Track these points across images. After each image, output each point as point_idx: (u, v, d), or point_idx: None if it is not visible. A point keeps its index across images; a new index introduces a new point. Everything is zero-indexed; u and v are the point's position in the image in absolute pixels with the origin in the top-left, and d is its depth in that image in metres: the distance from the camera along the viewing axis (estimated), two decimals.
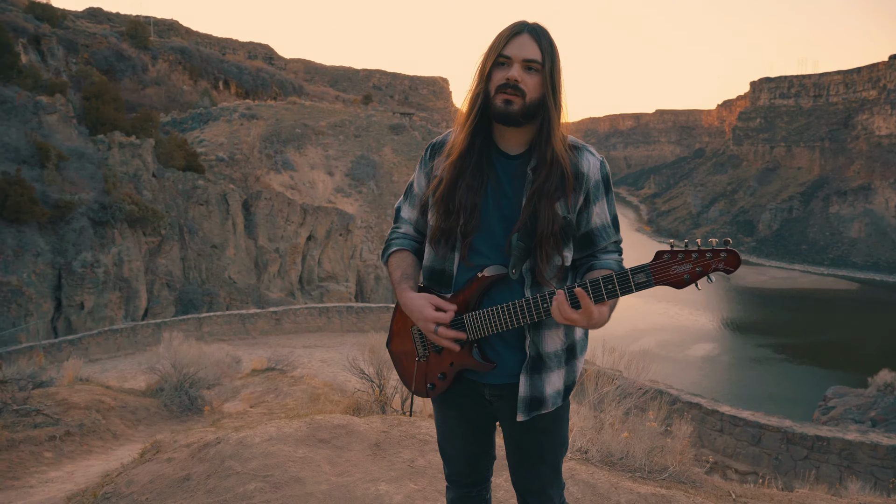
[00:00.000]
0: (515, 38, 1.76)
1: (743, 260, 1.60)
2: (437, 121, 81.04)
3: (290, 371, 11.07)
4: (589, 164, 1.87)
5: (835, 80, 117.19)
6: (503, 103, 1.75)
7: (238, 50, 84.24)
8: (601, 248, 1.90)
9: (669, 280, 1.60)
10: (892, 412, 18.84)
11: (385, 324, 20.12)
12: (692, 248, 1.58)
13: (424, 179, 1.99)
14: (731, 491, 4.16)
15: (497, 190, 1.84)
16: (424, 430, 3.70)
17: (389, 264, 2.01)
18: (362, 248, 44.27)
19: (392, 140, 53.18)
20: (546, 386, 1.88)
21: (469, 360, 1.87)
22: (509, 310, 1.77)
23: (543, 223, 1.76)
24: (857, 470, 11.05)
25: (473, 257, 1.85)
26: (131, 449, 6.13)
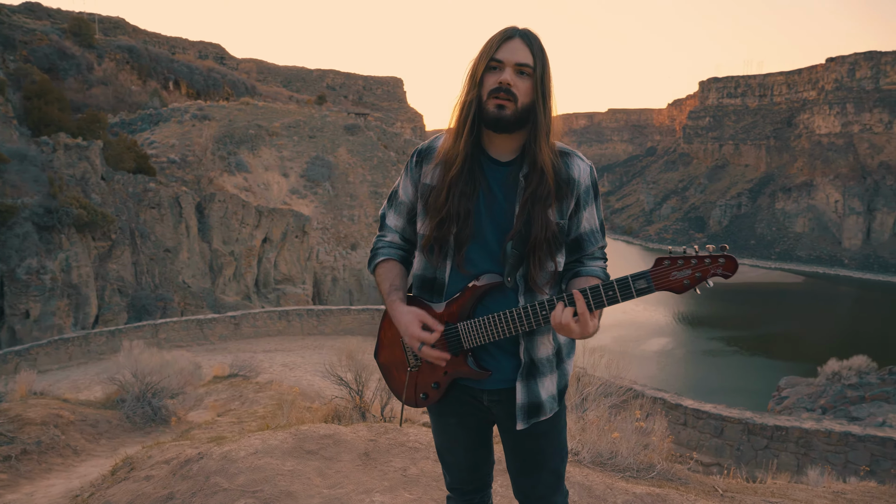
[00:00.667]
0: (507, 42, 1.75)
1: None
2: (392, 121, 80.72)
3: (254, 377, 10.81)
4: (579, 170, 1.87)
5: (778, 80, 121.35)
6: (496, 108, 1.74)
7: (188, 49, 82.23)
8: (588, 253, 1.91)
9: (670, 286, 1.62)
10: (839, 399, 19.52)
11: (346, 326, 19.88)
12: (691, 254, 1.61)
13: (411, 187, 1.95)
14: (716, 486, 4.16)
15: (489, 197, 1.82)
16: (413, 437, 3.59)
17: (377, 274, 1.97)
18: (319, 249, 43.77)
19: (347, 141, 52.68)
20: (542, 391, 1.88)
21: (464, 369, 1.86)
22: (506, 318, 1.76)
23: (537, 229, 1.76)
24: (812, 457, 11.39)
25: (467, 265, 1.83)
26: (95, 465, 5.85)
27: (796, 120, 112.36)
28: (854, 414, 17.32)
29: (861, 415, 17.21)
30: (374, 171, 51.84)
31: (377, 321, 20.24)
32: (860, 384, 19.18)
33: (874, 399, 18.09)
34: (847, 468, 11.07)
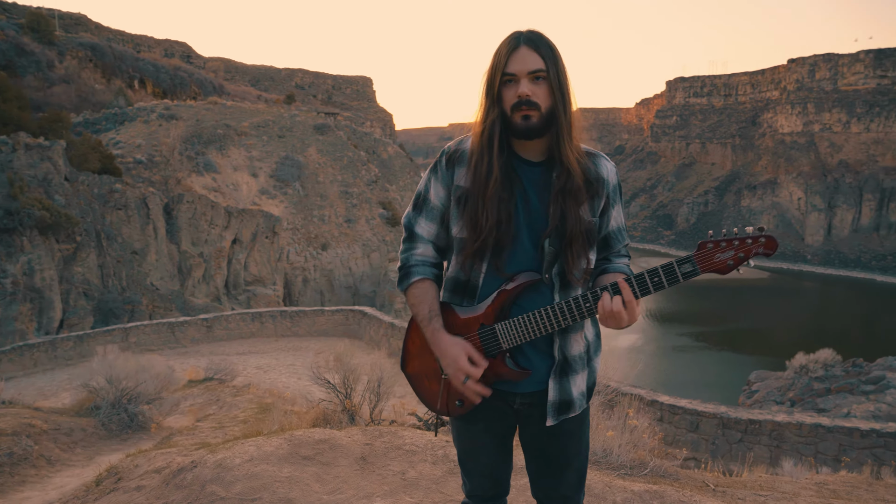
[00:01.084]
0: (514, 53, 1.76)
1: (662, 252, 1.70)
2: (362, 120, 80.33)
3: (230, 380, 10.63)
4: (607, 169, 1.91)
5: (742, 80, 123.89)
6: (522, 120, 1.76)
7: (154, 47, 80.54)
8: (615, 250, 1.96)
9: (714, 267, 1.67)
10: (807, 392, 19.94)
11: (320, 327, 19.70)
12: (733, 236, 1.65)
13: (443, 190, 1.92)
14: (707, 481, 4.20)
15: (524, 197, 1.84)
16: (409, 440, 3.54)
17: (411, 295, 1.92)
18: (289, 250, 43.37)
19: (317, 140, 52.29)
20: (573, 388, 1.89)
21: (504, 370, 1.84)
22: (547, 314, 1.76)
23: (571, 223, 1.78)
24: (785, 448, 11.62)
25: (505, 268, 1.82)
26: (71, 475, 5.68)
27: (760, 119, 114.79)
28: (821, 406, 17.70)
29: (827, 406, 17.59)
30: (345, 171, 51.52)
31: (351, 322, 20.19)
32: (826, 377, 19.61)
33: (839, 391, 18.50)
34: (817, 458, 11.30)
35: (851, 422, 11.97)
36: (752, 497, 3.80)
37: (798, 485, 4.52)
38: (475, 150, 1.84)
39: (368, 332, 18.99)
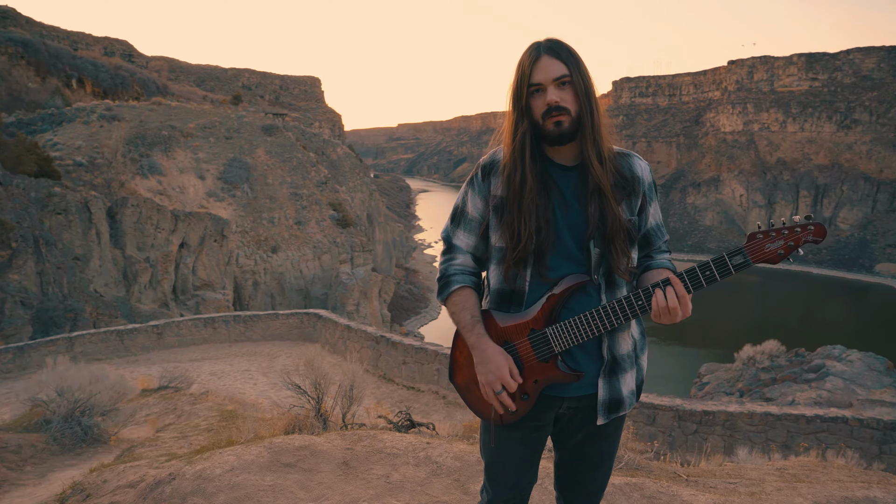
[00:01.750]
0: (537, 63, 1.80)
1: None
2: (311, 121, 79.38)
3: (187, 388, 10.34)
4: (641, 167, 1.94)
5: (686, 80, 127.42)
6: (555, 126, 1.80)
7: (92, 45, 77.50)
8: (655, 247, 1.98)
9: (766, 257, 1.70)
10: (755, 382, 20.65)
11: (275, 331, 19.35)
12: (782, 226, 1.69)
13: (481, 202, 1.94)
14: (678, 472, 4.30)
15: (562, 203, 1.86)
16: (389, 443, 3.51)
17: (452, 303, 1.94)
18: (238, 253, 42.55)
19: (265, 142, 51.46)
20: (623, 387, 1.91)
21: (556, 374, 1.85)
22: (598, 315, 1.78)
23: (611, 221, 1.80)
24: (737, 437, 11.97)
25: (549, 273, 1.85)
26: (22, 494, 5.43)
27: (703, 118, 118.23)
28: (768, 395, 18.35)
29: (774, 395, 18.25)
30: (294, 173, 50.85)
31: (306, 325, 19.91)
32: (772, 367, 20.35)
33: (784, 380, 19.22)
34: (767, 445, 11.68)
35: (798, 409, 12.40)
36: (723, 485, 3.90)
37: (762, 471, 4.67)
38: (507, 161, 1.88)
39: (324, 335, 18.76)
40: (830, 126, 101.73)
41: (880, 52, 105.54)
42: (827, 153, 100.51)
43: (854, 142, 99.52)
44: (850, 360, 19.34)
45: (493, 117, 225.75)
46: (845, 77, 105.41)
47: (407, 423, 5.44)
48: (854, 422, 11.58)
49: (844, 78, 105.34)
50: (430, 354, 15.91)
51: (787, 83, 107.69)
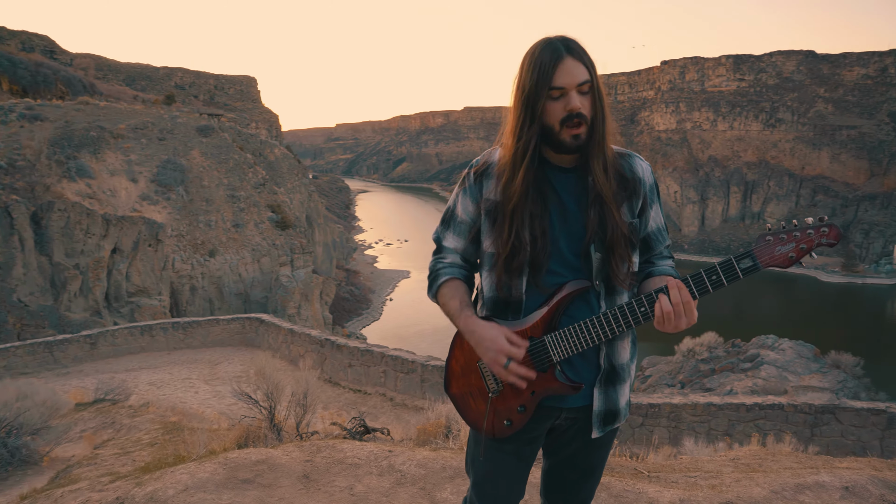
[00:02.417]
0: (560, 64, 1.67)
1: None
2: (247, 122, 77.69)
3: (125, 400, 9.89)
4: (642, 169, 1.85)
5: (621, 80, 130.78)
6: (573, 139, 1.70)
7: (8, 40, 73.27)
8: (657, 252, 1.90)
9: (775, 261, 1.59)
10: (695, 373, 21.33)
11: (216, 337, 18.80)
12: (794, 227, 1.58)
13: (472, 205, 1.86)
14: (638, 468, 4.32)
15: (560, 207, 1.77)
16: (350, 452, 3.39)
17: (441, 295, 1.87)
18: (174, 258, 41.25)
19: (200, 143, 50.03)
20: (620, 398, 1.84)
21: (554, 385, 1.75)
22: (600, 322, 1.69)
23: (612, 227, 1.72)
24: (682, 428, 12.28)
25: (545, 280, 1.76)
26: None
27: (638, 117, 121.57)
28: (708, 385, 18.96)
29: (713, 385, 18.88)
30: (231, 174, 49.64)
31: (248, 330, 19.41)
32: (710, 358, 21.07)
33: (723, 370, 19.92)
34: (710, 435, 12.01)
35: (738, 398, 12.81)
36: (684, 479, 3.94)
37: (717, 462, 4.75)
38: (506, 165, 1.77)
39: (267, 340, 18.35)
40: (757, 125, 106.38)
41: (799, 55, 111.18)
42: (755, 151, 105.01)
43: (779, 140, 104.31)
44: (782, 348, 20.20)
45: (432, 116, 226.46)
46: (769, 78, 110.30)
47: (362, 430, 5.31)
48: (789, 408, 12.05)
49: (768, 79, 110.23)
50: (377, 356, 15.74)
51: (717, 83, 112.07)
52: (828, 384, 16.83)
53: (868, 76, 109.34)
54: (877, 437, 11.66)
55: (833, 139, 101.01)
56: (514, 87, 1.74)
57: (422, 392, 15.17)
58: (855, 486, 3.98)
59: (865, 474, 4.28)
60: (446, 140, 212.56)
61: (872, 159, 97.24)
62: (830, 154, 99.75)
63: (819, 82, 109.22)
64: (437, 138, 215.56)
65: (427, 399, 15.22)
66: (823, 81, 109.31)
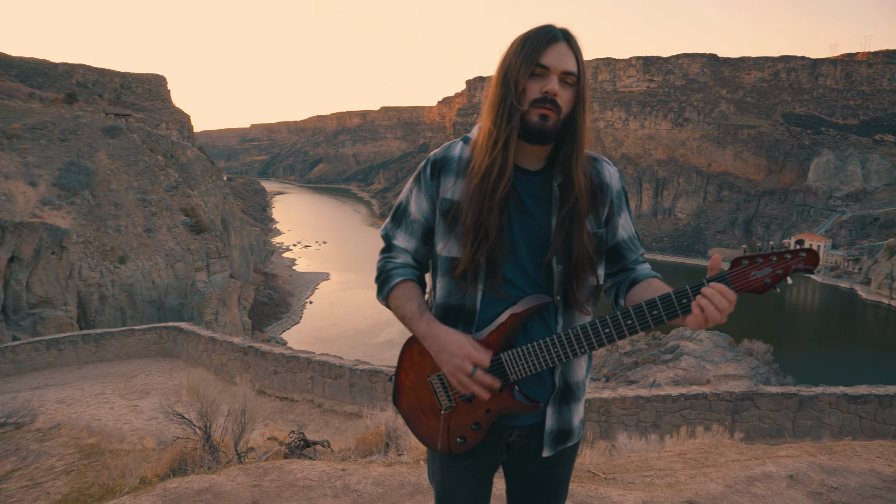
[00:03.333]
0: (552, 46, 1.57)
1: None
2: (157, 122, 74.57)
3: (31, 423, 9.10)
4: (610, 175, 1.75)
5: None
6: (540, 119, 1.57)
7: None
8: (630, 261, 1.77)
9: (750, 286, 1.48)
10: (618, 367, 21.93)
11: (131, 349, 17.81)
12: (770, 251, 1.48)
13: (427, 202, 1.71)
14: (591, 470, 4.26)
15: (521, 211, 1.64)
16: (300, 473, 3.14)
17: (395, 297, 1.71)
18: (81, 265, 39.00)
19: (107, 144, 47.61)
20: (574, 417, 1.75)
21: (511, 403, 1.64)
22: (562, 342, 1.57)
23: (578, 246, 1.61)
24: (612, 422, 12.54)
25: (504, 288, 1.63)
26: None
27: None
28: (632, 378, 19.52)
29: (637, 377, 19.45)
30: (141, 177, 47.44)
31: (166, 340, 18.48)
32: (633, 351, 21.70)
33: (645, 363, 20.56)
34: (640, 427, 12.30)
35: (664, 390, 13.19)
36: (641, 480, 3.91)
37: (666, 459, 4.77)
38: (482, 152, 1.62)
39: (186, 350, 17.53)
40: (666, 124, 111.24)
41: (703, 58, 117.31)
42: (664, 149, 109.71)
43: (687, 138, 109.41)
44: (700, 339, 21.05)
45: (349, 117, 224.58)
46: (676, 80, 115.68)
47: (301, 444, 5.05)
48: (712, 396, 12.49)
49: (676, 80, 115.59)
50: (303, 362, 15.35)
51: (628, 84, 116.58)
52: (743, 371, 17.64)
53: (764, 79, 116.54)
54: (789, 419, 12.28)
55: (735, 138, 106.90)
56: (499, 64, 1.62)
57: (351, 397, 14.88)
58: (798, 474, 4.08)
59: (805, 461, 4.40)
60: (363, 140, 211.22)
61: (770, 157, 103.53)
62: (733, 152, 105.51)
63: (721, 84, 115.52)
64: (355, 138, 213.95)
65: (356, 404, 14.95)
66: (725, 83, 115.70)
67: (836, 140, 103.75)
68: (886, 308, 67.88)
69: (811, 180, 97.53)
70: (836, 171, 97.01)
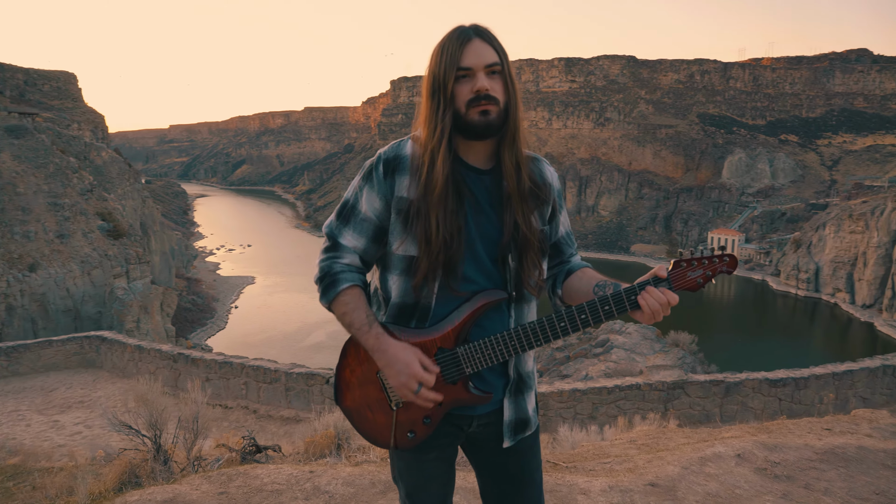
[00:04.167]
0: (468, 46, 1.62)
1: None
2: (68, 122, 70.97)
3: None
4: (550, 174, 1.83)
5: None
6: (481, 116, 1.62)
7: None
8: (566, 256, 1.90)
9: (686, 285, 1.65)
10: (551, 362, 22.35)
11: (49, 361, 16.88)
12: (702, 255, 1.65)
13: (379, 201, 1.70)
14: (551, 460, 4.32)
15: (475, 209, 1.69)
16: (267, 478, 3.03)
17: (341, 303, 1.69)
18: None
19: (11, 145, 44.91)
20: (528, 406, 1.84)
21: (464, 396, 1.70)
22: (517, 335, 1.65)
23: (524, 233, 1.69)
24: (550, 415, 12.78)
25: (461, 286, 1.68)
26: None
27: None
28: (565, 372, 19.91)
29: (570, 371, 19.85)
30: (52, 180, 45.02)
31: (88, 350, 17.57)
32: (565, 345, 22.14)
33: (577, 356, 21.00)
34: (577, 419, 12.58)
35: (600, 382, 13.53)
36: (601, 466, 4.00)
37: (619, 446, 4.90)
38: (423, 156, 1.66)
39: (111, 360, 16.74)
40: (588, 123, 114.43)
41: (623, 59, 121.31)
42: (587, 148, 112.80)
43: (608, 137, 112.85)
44: (629, 332, 21.67)
45: (272, 117, 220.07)
46: (598, 80, 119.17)
47: (252, 449, 4.89)
48: (645, 387, 12.90)
49: (597, 81, 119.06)
50: (237, 368, 14.99)
51: (551, 84, 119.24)
52: (671, 362, 18.28)
53: (680, 81, 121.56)
54: (717, 405, 12.84)
55: (654, 137, 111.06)
56: (426, 75, 1.68)
57: (287, 401, 14.62)
58: (744, 453, 4.28)
59: (749, 441, 4.62)
60: (287, 141, 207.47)
61: (687, 155, 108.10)
62: (653, 151, 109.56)
63: (640, 85, 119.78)
64: (278, 139, 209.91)
65: (293, 408, 14.68)
66: (644, 84, 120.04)
67: (746, 140, 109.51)
68: (794, 297, 72.04)
69: (725, 178, 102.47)
70: (747, 168, 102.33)
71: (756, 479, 3.82)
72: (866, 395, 13.16)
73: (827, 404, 12.70)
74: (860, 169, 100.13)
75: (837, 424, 5.45)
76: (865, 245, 63.94)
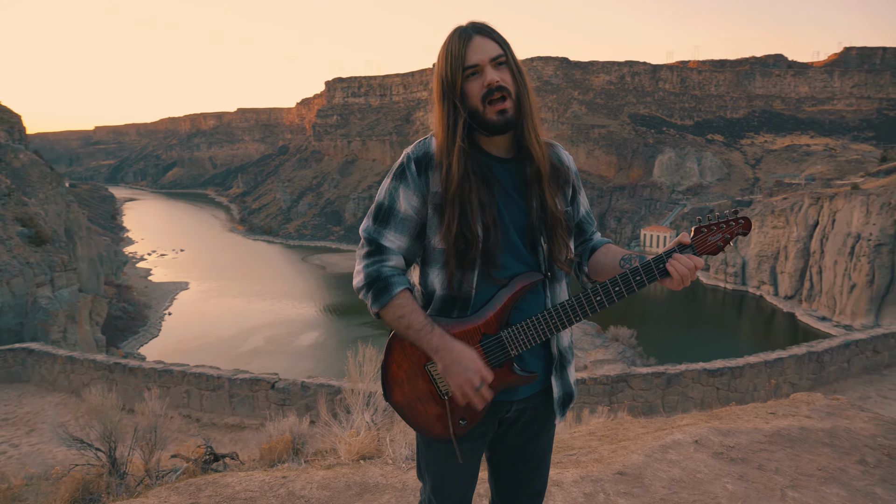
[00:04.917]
0: (470, 44, 1.69)
1: (334, 248, 1.80)
2: None
3: None
4: (566, 156, 1.91)
5: (395, 81, 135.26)
6: (499, 115, 1.69)
7: None
8: (588, 235, 1.98)
9: (708, 249, 1.72)
10: None
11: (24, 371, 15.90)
12: (718, 220, 1.73)
13: (417, 198, 1.75)
14: None
15: (505, 197, 1.77)
16: (238, 486, 2.92)
17: (396, 307, 1.70)
18: None
19: None
20: (571, 379, 1.91)
21: (511, 378, 1.74)
22: (559, 313, 1.71)
23: (552, 213, 1.76)
24: None
25: (499, 273, 1.74)
26: None
27: (413, 117, 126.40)
28: None
29: None
30: None
31: (13, 364, 16.68)
32: None
33: None
34: None
35: None
36: (567, 458, 4.07)
37: (581, 438, 4.98)
38: (443, 156, 1.72)
39: (39, 372, 15.96)
40: None
41: (556, 61, 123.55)
42: None
43: None
44: None
45: (203, 118, 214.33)
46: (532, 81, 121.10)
47: (210, 457, 4.75)
48: (590, 381, 13.15)
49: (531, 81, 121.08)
50: (177, 376, 14.52)
51: None
52: (612, 356, 18.75)
53: (611, 82, 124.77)
54: (659, 396, 13.23)
55: (588, 137, 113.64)
56: (435, 80, 1.75)
57: (231, 408, 14.26)
58: (701, 439, 4.43)
59: (704, 427, 4.79)
60: (220, 143, 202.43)
61: (620, 155, 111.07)
62: (586, 150, 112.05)
63: (573, 86, 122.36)
64: (210, 141, 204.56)
65: (238, 415, 14.32)
66: (577, 85, 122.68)
67: (675, 139, 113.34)
68: (723, 291, 75.01)
69: (656, 176, 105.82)
70: (676, 167, 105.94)
71: (714, 462, 3.97)
72: (794, 381, 13.82)
73: (760, 391, 13.28)
74: (780, 167, 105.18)
75: (780, 408, 5.70)
76: (786, 240, 67.20)
